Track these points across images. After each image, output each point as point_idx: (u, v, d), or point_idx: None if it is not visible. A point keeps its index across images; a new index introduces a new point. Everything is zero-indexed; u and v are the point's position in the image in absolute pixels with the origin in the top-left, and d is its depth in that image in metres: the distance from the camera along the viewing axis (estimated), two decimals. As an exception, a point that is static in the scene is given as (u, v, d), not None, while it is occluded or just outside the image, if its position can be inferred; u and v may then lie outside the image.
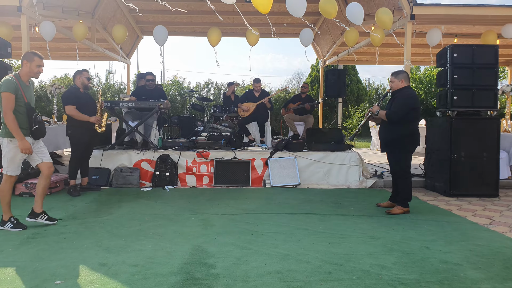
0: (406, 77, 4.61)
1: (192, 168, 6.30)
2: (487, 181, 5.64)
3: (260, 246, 3.41)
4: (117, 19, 9.53)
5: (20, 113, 3.76)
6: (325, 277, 2.76)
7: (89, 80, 5.58)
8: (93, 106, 5.59)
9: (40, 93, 16.18)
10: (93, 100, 5.67)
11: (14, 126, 3.65)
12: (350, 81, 16.91)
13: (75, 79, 5.52)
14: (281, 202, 5.20)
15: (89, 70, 5.61)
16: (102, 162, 6.24)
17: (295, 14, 5.65)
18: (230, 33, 10.63)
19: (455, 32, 8.75)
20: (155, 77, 7.38)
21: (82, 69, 5.58)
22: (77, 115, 5.36)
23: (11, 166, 3.80)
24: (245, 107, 7.82)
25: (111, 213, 4.51)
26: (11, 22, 7.38)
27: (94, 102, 5.62)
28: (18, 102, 3.72)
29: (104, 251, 3.25)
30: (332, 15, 5.94)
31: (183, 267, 2.91)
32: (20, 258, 3.08)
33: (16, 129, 3.66)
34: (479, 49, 5.73)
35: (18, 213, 4.44)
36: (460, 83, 5.70)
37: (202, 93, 17.47)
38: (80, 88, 5.50)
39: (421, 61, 12.35)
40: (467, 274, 2.84)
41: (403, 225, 4.12)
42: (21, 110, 3.77)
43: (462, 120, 5.68)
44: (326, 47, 11.23)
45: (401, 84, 4.58)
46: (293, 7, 5.60)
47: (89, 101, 5.63)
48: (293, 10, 5.62)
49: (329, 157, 6.46)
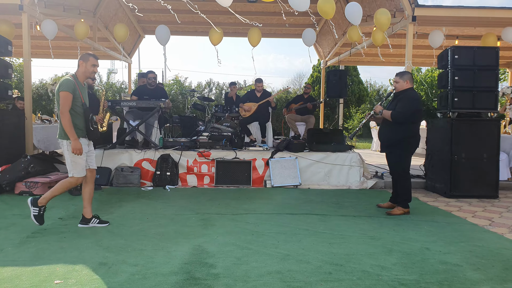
0: (411, 78, 4.60)
1: (193, 168, 6.31)
2: (487, 183, 5.64)
3: (261, 246, 3.41)
4: (118, 18, 9.54)
5: (78, 114, 3.76)
6: (325, 277, 2.76)
7: (93, 80, 5.58)
8: (96, 105, 5.58)
9: (41, 91, 16.19)
10: (97, 99, 5.66)
11: (69, 126, 3.63)
12: (351, 82, 16.91)
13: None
14: (282, 202, 5.20)
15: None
16: (103, 161, 6.24)
17: (299, 8, 5.61)
18: (232, 33, 10.63)
19: (457, 34, 8.76)
20: (157, 76, 7.39)
21: None
22: None
23: (77, 168, 3.77)
24: (246, 107, 7.83)
25: (111, 213, 4.52)
26: (12, 21, 7.39)
27: (97, 102, 5.62)
28: (76, 102, 3.71)
29: (104, 250, 3.25)
30: (330, 15, 5.96)
31: (183, 267, 2.92)
32: (20, 257, 3.08)
33: (71, 129, 3.64)
34: (480, 51, 5.74)
35: (18, 212, 4.46)
36: (461, 84, 5.70)
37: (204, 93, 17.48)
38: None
39: (423, 62, 12.35)
40: (467, 275, 2.84)
41: (403, 226, 4.13)
42: (78, 110, 3.76)
43: (463, 121, 5.68)
44: (328, 48, 11.23)
45: (406, 85, 4.57)
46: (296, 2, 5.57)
47: (93, 100, 5.61)
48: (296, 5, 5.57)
49: (330, 157, 6.46)
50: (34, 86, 16.43)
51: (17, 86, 14.66)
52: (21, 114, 6.23)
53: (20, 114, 6.24)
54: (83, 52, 10.78)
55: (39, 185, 5.40)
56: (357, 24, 6.32)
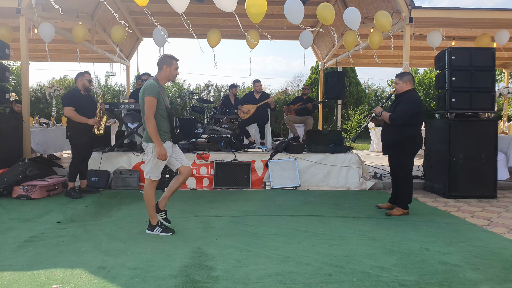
0: (411, 79, 4.58)
1: (192, 170, 6.29)
2: (485, 183, 5.66)
3: (260, 248, 3.41)
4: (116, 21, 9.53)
5: (163, 117, 3.74)
6: (325, 279, 2.76)
7: (90, 82, 5.57)
8: (94, 108, 5.57)
9: (39, 94, 16.16)
10: (95, 102, 5.64)
11: (154, 132, 3.60)
12: (349, 83, 16.93)
13: (77, 81, 5.51)
14: (281, 204, 5.20)
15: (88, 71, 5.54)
16: (101, 164, 6.23)
17: (293, 21, 5.90)
18: (230, 35, 10.64)
19: (453, 35, 8.79)
20: None
21: (84, 71, 5.56)
22: (75, 117, 5.34)
23: (155, 172, 3.75)
24: (245, 109, 7.84)
25: (110, 216, 4.50)
26: (10, 24, 7.38)
27: (95, 105, 5.60)
28: (160, 106, 3.70)
29: (103, 254, 3.24)
30: (329, 21, 6.03)
31: (183, 269, 2.91)
32: (18, 262, 3.06)
33: (156, 135, 3.61)
34: (476, 52, 5.76)
35: (16, 216, 4.44)
36: (458, 85, 5.72)
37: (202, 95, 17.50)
38: (81, 90, 5.49)
39: (420, 64, 12.39)
40: (467, 275, 2.84)
41: (403, 226, 4.13)
42: (163, 114, 3.74)
43: (461, 122, 5.69)
44: (326, 50, 11.25)
45: (405, 86, 4.57)
46: (291, 15, 5.85)
47: (90, 103, 5.59)
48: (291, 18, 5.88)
49: (329, 159, 6.46)
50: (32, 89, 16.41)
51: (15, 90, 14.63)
52: (19, 117, 6.21)
53: (18, 117, 6.22)
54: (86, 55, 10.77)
55: (37, 189, 5.38)
56: (356, 29, 6.35)
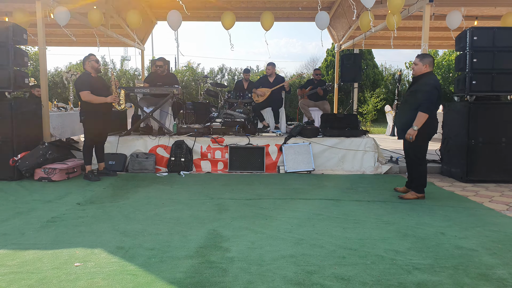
0: (431, 63, 4.45)
1: (207, 154, 6.35)
2: (505, 167, 5.54)
3: (274, 230, 3.44)
4: (131, 5, 9.51)
5: None
6: (339, 261, 2.78)
7: (98, 63, 5.62)
8: (107, 88, 5.68)
9: (56, 79, 16.40)
10: (106, 82, 5.72)
11: None
12: (366, 66, 16.65)
13: (85, 65, 5.58)
14: (295, 187, 5.21)
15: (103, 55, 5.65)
16: (118, 148, 6.33)
17: None
18: (244, 17, 10.52)
19: (475, 14, 8.48)
20: (168, 63, 7.37)
21: (88, 54, 5.61)
22: (93, 99, 5.42)
23: None
24: (260, 92, 7.81)
25: (127, 198, 4.60)
26: (26, 9, 7.45)
27: (107, 84, 5.69)
28: None
29: (121, 234, 3.32)
30: None
31: (198, 250, 2.96)
32: (41, 240, 3.18)
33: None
34: (500, 32, 5.56)
35: (38, 198, 4.58)
36: (479, 67, 5.55)
37: (216, 79, 17.46)
38: (91, 73, 5.56)
39: (439, 45, 12.05)
40: (482, 259, 2.82)
41: (418, 211, 4.10)
42: None
43: (481, 105, 5.55)
44: (342, 31, 11.03)
45: (424, 68, 4.45)
46: None
47: (103, 84, 5.70)
48: None
49: (344, 142, 6.41)
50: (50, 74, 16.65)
51: (33, 74, 14.88)
52: (39, 101, 6.33)
53: (37, 101, 6.33)
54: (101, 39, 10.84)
55: (57, 171, 5.52)
56: (370, 7, 6.18)
